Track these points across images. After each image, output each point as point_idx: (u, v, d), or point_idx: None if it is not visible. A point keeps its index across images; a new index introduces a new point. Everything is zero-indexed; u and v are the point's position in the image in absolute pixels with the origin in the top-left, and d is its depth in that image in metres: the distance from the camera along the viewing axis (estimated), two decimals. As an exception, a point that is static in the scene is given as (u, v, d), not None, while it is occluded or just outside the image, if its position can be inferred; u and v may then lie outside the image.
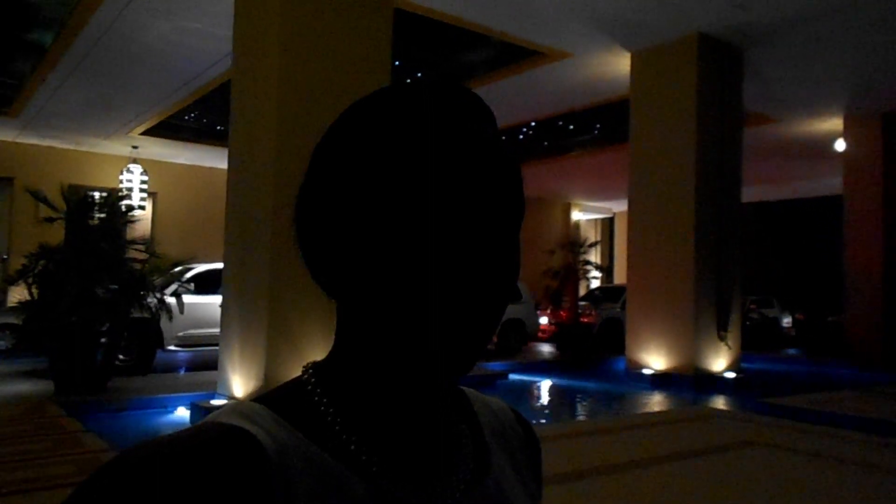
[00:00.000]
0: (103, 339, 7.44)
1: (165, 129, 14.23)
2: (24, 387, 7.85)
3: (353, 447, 0.50)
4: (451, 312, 0.47)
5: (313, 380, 0.53)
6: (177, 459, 0.42)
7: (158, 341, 9.71)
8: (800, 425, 6.55)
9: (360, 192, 0.49)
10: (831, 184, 16.95)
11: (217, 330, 10.11)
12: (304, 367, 0.55)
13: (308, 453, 0.48)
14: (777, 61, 10.31)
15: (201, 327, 7.95)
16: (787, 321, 19.76)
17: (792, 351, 16.19)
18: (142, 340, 9.20)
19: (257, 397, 0.52)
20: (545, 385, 10.35)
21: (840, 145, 13.73)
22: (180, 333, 9.88)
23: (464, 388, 0.65)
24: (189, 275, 9.90)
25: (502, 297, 0.50)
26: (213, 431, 0.45)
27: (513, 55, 10.26)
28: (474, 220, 0.48)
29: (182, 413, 6.91)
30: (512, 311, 12.85)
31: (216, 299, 10.13)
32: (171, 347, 10.08)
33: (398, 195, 0.48)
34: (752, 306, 17.14)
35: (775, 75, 10.91)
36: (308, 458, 0.48)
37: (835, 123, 13.49)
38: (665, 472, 4.83)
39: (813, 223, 21.93)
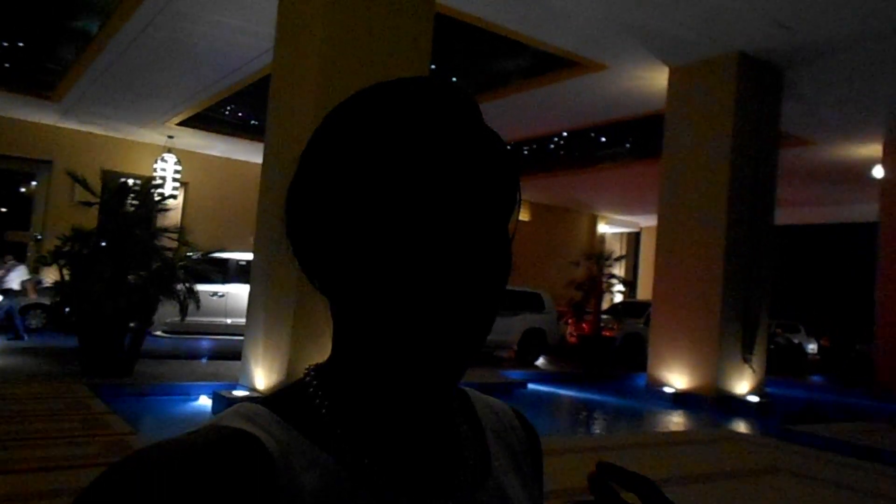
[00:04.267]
0: (132, 324, 7.57)
1: (201, 121, 14.45)
2: (52, 366, 8.01)
3: (353, 450, 0.50)
4: (440, 310, 0.47)
5: (315, 382, 0.53)
6: (181, 462, 0.42)
7: None
8: (823, 454, 6.43)
9: (347, 189, 0.49)
10: (866, 210, 16.64)
11: (205, 319, 10.05)
12: (306, 368, 0.55)
13: (310, 455, 0.48)
14: (818, 83, 10.15)
15: (190, 315, 7.84)
16: (812, 347, 19.43)
17: (816, 378, 15.89)
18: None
19: (260, 399, 0.52)
20: (563, 397, 10.29)
21: (878, 171, 13.46)
22: (168, 320, 9.34)
23: (466, 388, 0.64)
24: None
25: (493, 293, 0.49)
26: (216, 434, 0.46)
27: (549, 64, 10.25)
28: (462, 215, 0.48)
29: (204, 401, 6.99)
30: (533, 320, 12.78)
31: (206, 288, 9.98)
32: (158, 333, 9.80)
33: (384, 191, 0.47)
34: (778, 330, 16.88)
35: (815, 97, 10.74)
36: (310, 460, 0.48)
37: (874, 149, 13.24)
38: (683, 495, 4.77)
39: (844, 249, 21.55)
